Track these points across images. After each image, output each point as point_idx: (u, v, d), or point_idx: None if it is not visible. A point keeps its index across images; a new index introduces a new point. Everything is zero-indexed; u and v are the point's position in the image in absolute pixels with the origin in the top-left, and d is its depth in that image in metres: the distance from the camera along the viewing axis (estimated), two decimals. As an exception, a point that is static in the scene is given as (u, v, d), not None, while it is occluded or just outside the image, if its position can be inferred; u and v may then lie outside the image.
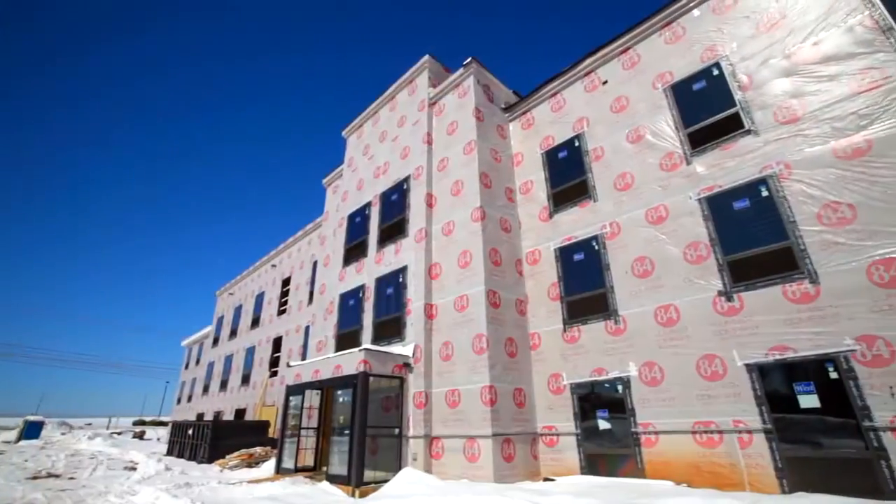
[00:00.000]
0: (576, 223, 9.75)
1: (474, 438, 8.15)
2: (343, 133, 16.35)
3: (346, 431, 8.71)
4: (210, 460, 13.76)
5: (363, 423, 8.43)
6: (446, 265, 10.17)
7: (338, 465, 8.84)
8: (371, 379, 8.94)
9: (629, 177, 9.15)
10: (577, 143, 10.41)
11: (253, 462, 12.63)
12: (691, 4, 9.26)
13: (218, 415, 23.19)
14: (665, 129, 8.90)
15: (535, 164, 11.22)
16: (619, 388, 7.99)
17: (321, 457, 10.38)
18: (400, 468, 8.62)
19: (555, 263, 9.80)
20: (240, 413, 21.05)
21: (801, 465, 5.99)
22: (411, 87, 13.59)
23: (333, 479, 8.50)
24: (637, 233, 8.64)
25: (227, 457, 12.94)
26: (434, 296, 10.13)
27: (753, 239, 7.19)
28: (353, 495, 7.81)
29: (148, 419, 71.00)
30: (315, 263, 18.77)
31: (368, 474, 8.20)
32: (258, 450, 13.28)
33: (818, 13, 7.56)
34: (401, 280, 10.81)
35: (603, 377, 8.26)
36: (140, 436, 34.51)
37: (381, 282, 11.46)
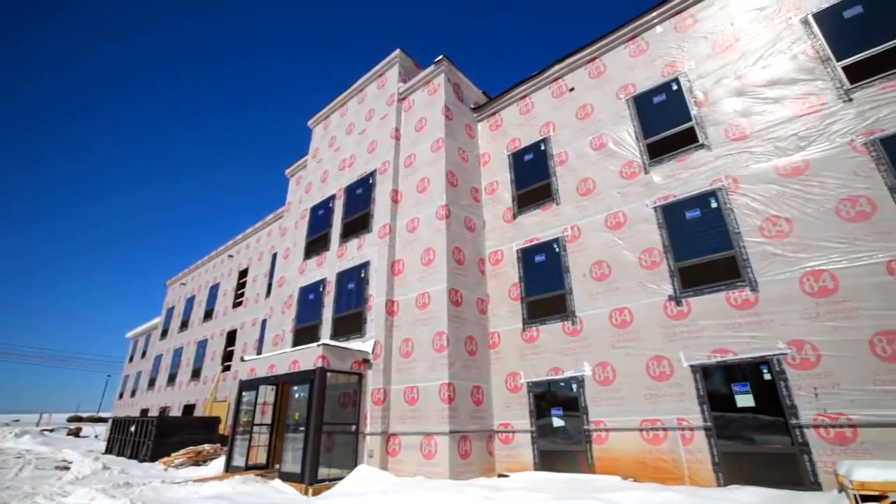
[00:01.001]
0: (538, 225, 9.97)
1: (431, 435, 8.18)
2: (309, 123, 15.94)
3: (302, 428, 8.52)
4: (154, 458, 13.10)
5: (319, 419, 8.28)
6: (409, 262, 10.14)
7: (291, 462, 8.64)
8: (329, 375, 8.80)
9: (591, 182, 9.45)
10: (542, 147, 10.63)
11: (201, 460, 12.13)
12: (655, 21, 9.66)
13: (164, 411, 22.11)
14: (626, 138, 9.25)
15: (501, 165, 11.37)
16: (574, 386, 8.25)
17: (274, 454, 10.11)
18: (356, 465, 8.54)
19: (517, 264, 9.98)
20: (189, 409, 20.16)
21: (736, 459, 6.41)
22: (381, 80, 13.43)
23: (286, 477, 8.30)
24: (596, 237, 8.93)
25: (173, 455, 12.37)
26: (396, 292, 10.08)
27: (702, 247, 7.61)
28: (306, 493, 7.66)
29: (85, 415, 66.66)
30: (275, 255, 18.21)
31: (323, 472, 8.07)
32: (207, 447, 12.77)
33: (767, 39, 8.08)
34: (363, 275, 10.68)
35: (559, 376, 8.51)
36: (76, 433, 32.32)
37: (343, 276, 11.28)
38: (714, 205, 7.68)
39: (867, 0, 7.21)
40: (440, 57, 11.85)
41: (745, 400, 6.57)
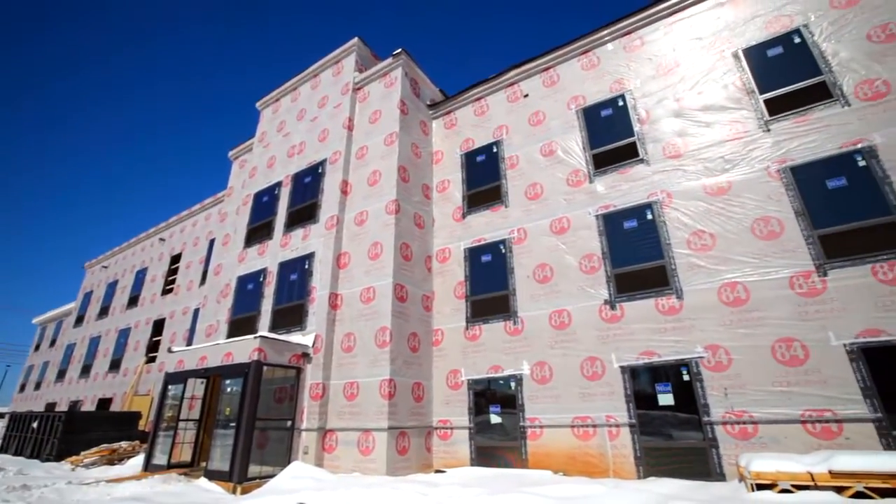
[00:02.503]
0: (487, 226, 10.16)
1: (370, 431, 8.11)
2: (257, 105, 15.18)
3: (233, 424, 8.13)
4: (59, 458, 11.92)
5: (252, 414, 7.94)
6: (356, 255, 9.97)
7: (219, 460, 8.21)
8: (266, 368, 8.45)
9: (539, 187, 9.76)
10: (495, 150, 10.83)
11: (116, 458, 11.22)
12: (606, 38, 10.14)
13: (75, 405, 20.19)
14: (574, 147, 9.64)
15: (454, 164, 11.45)
16: (513, 385, 8.50)
17: (201, 452, 9.56)
18: (289, 462, 8.28)
19: (463, 263, 10.12)
20: (105, 403, 18.55)
21: (655, 453, 6.91)
22: (337, 67, 13.06)
23: (213, 476, 7.88)
24: (541, 241, 9.25)
25: (83, 453, 11.33)
26: (340, 286, 9.88)
27: (637, 256, 8.10)
28: (233, 492, 7.32)
29: (-23, 409, 59.31)
30: (212, 241, 17.19)
31: (254, 469, 7.74)
32: (123, 444, 11.82)
33: (703, 67, 8.73)
34: (307, 267, 10.35)
35: (499, 374, 8.73)
36: (-35, 428, 28.71)
37: (285, 267, 10.88)
38: (649, 217, 8.21)
39: (787, 43, 8.00)
40: (399, 50, 11.73)
41: (666, 399, 7.09)
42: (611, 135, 9.28)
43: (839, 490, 4.75)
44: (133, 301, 20.54)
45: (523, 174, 10.13)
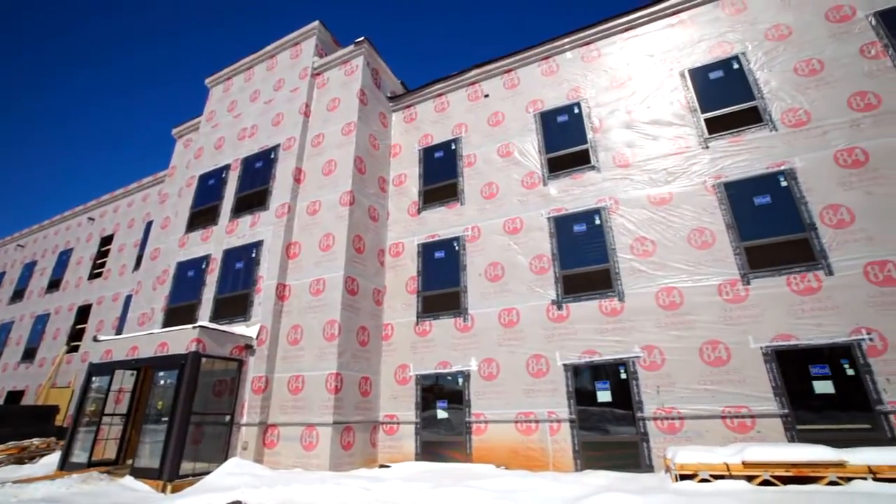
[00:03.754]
0: (441, 222, 10.20)
1: (314, 426, 7.94)
2: (207, 82, 14.31)
3: (165, 419, 7.66)
4: (-41, 454, 10.71)
5: (187, 409, 7.52)
6: (306, 246, 9.68)
7: (148, 457, 7.72)
8: (204, 360, 8.03)
9: (495, 187, 9.92)
10: (453, 147, 10.88)
11: (27, 457, 10.25)
12: (566, 47, 10.45)
13: (-20, 396, 18.20)
14: (530, 150, 9.88)
15: (411, 158, 11.39)
16: (460, 380, 8.62)
17: (128, 448, 8.94)
18: (226, 458, 7.93)
19: (416, 258, 10.11)
20: (15, 396, 16.87)
21: (592, 447, 7.27)
22: (295, 50, 12.57)
23: (140, 473, 7.39)
24: (494, 240, 9.41)
25: (-12, 449, 10.25)
26: (289, 276, 9.56)
27: (584, 259, 8.45)
28: (163, 491, 6.91)
29: None
30: (150, 224, 16.06)
31: (187, 466, 7.35)
32: (35, 441, 10.82)
33: (653, 83, 9.22)
34: (254, 255, 9.93)
35: (447, 370, 8.81)
36: None
37: (231, 254, 10.37)
38: (597, 222, 8.58)
39: (727, 67, 8.62)
40: (361, 38, 11.48)
41: (604, 396, 7.47)
42: (566, 140, 9.59)
43: (750, 479, 5.23)
44: (54, 285, 18.79)
45: (480, 173, 10.25)
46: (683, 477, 5.57)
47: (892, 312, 6.18)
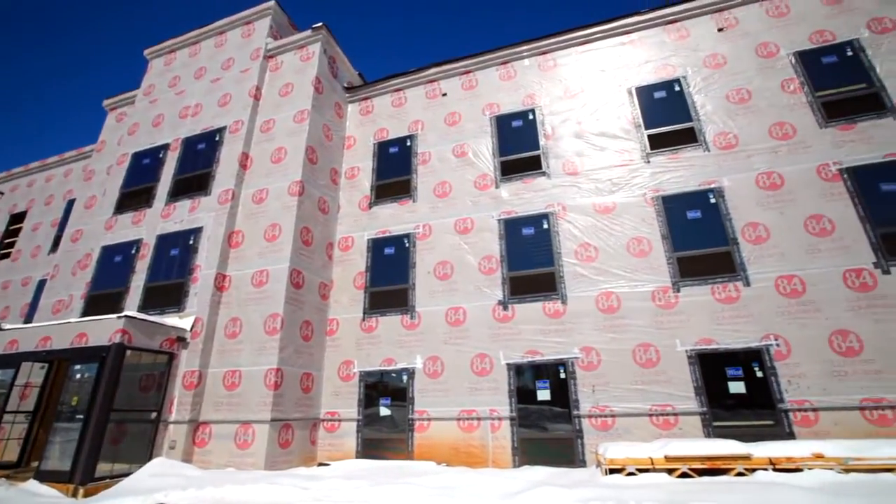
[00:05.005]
0: (393, 218, 10.12)
1: (250, 423, 7.61)
2: (146, 53, 13.25)
3: (81, 416, 7.03)
4: None
5: (107, 405, 6.95)
6: (250, 235, 9.26)
7: (58, 458, 7.04)
8: (130, 353, 7.46)
9: (448, 186, 9.99)
10: (409, 143, 10.83)
11: None
12: (524, 54, 10.71)
13: None
14: (485, 151, 10.04)
15: (366, 151, 11.21)
16: (405, 378, 8.60)
17: (33, 450, 8.12)
18: (151, 458, 7.42)
19: (366, 253, 9.97)
20: None
21: (530, 444, 7.52)
22: (247, 29, 11.95)
23: (47, 477, 6.73)
24: (445, 238, 9.48)
25: None
26: (230, 266, 9.10)
27: (530, 261, 8.71)
28: (73, 495, 6.34)
29: None
30: (71, 202, 14.64)
31: (104, 468, 6.79)
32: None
33: (603, 97, 9.67)
34: (192, 242, 9.35)
35: (392, 367, 8.77)
36: None
37: (166, 240, 9.70)
38: (545, 226, 8.88)
39: (669, 88, 9.21)
40: (320, 24, 11.12)
41: (544, 394, 7.76)
42: (519, 145, 9.84)
43: (671, 472, 5.65)
44: (-49, 264, 16.65)
45: (434, 171, 10.28)
46: (613, 471, 5.91)
47: (796, 321, 6.90)
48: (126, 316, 7.59)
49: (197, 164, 10.37)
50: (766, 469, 5.44)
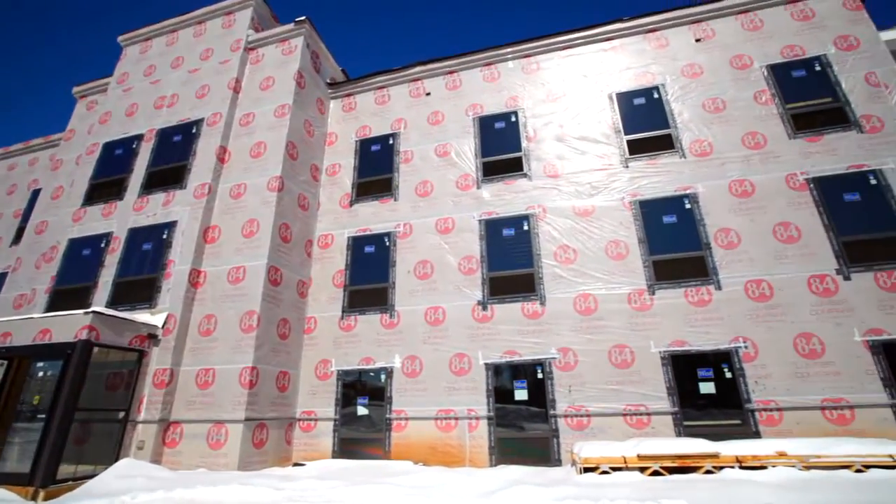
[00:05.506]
0: (374, 216, 10.06)
1: (223, 423, 7.45)
2: (120, 39, 12.80)
3: (43, 416, 6.74)
4: None
5: (71, 404, 6.68)
6: (227, 230, 9.06)
7: (16, 459, 6.74)
8: (97, 350, 7.20)
9: (430, 185, 9.98)
10: (391, 141, 10.78)
11: None
12: (509, 56, 10.79)
13: None
14: (467, 152, 10.07)
15: (347, 148, 11.10)
16: (383, 377, 8.56)
17: (-10, 448, 7.74)
18: (118, 459, 7.17)
19: (346, 251, 9.88)
20: None
21: (507, 443, 7.59)
22: (228, 19, 11.68)
23: (4, 480, 6.43)
24: (426, 238, 9.47)
25: None
26: (205, 262, 8.88)
27: (510, 262, 8.78)
28: (33, 498, 6.08)
29: None
30: (36, 192, 14.02)
31: (67, 469, 6.53)
32: None
33: (585, 102, 9.82)
34: (165, 236, 9.09)
35: (370, 366, 8.71)
36: None
37: (137, 234, 9.40)
38: (525, 227, 8.96)
39: (648, 96, 9.43)
40: (303, 17, 10.96)
41: (521, 394, 7.83)
42: (501, 146, 9.91)
43: (643, 470, 5.78)
44: None
45: (416, 170, 10.26)
46: (587, 469, 6.02)
47: (763, 324, 7.15)
48: (94, 312, 7.32)
49: (172, 157, 10.09)
50: (732, 467, 5.62)
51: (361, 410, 8.47)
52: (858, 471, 5.26)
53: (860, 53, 8.50)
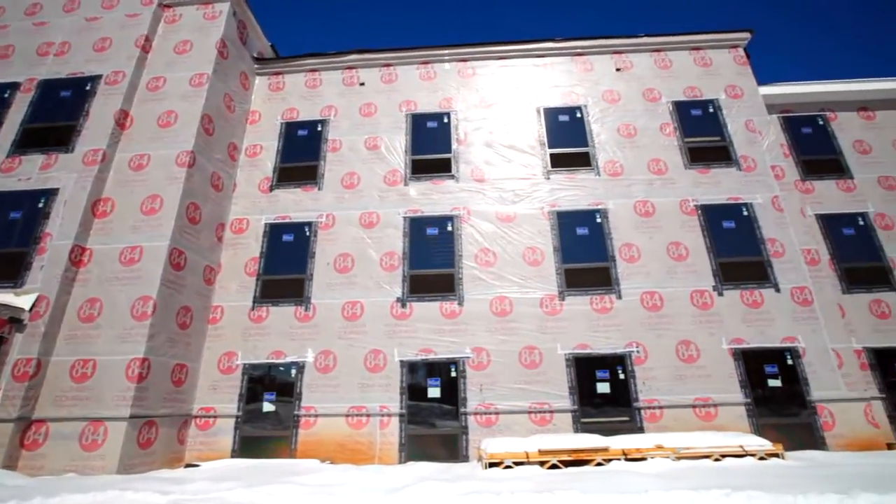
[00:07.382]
0: (295, 204, 9.60)
1: (102, 421, 6.62)
2: (-6, -33, 10.80)
3: None
4: None
5: None
6: (123, 205, 8.07)
7: None
8: (-64, 334, 6.02)
9: (356, 177, 9.76)
10: (319, 128, 10.35)
11: None
12: (446, 58, 10.89)
13: None
14: (398, 147, 10.00)
15: (271, 130, 10.46)
16: (293, 372, 8.19)
17: None
18: (-44, 463, 6.06)
19: (261, 238, 9.30)
20: None
21: (417, 440, 7.66)
22: (138, -31, 10.38)
23: None
24: (348, 231, 9.24)
25: None
26: (92, 238, 7.83)
27: (432, 261, 8.88)
28: None
29: None
30: None
31: None
32: None
33: (515, 112, 10.21)
34: (42, 205, 7.86)
35: (280, 360, 8.29)
36: None
37: (5, 199, 8.02)
38: (449, 228, 9.12)
39: (571, 114, 10.08)
40: (229, -18, 10.09)
41: (434, 392, 7.95)
42: (432, 146, 9.98)
43: (542, 464, 6.17)
44: None
45: (343, 161, 9.96)
46: (492, 465, 6.28)
47: (653, 331, 8.01)
48: (-63, 287, 6.12)
49: (58, 114, 8.75)
50: (619, 459, 6.23)
51: (268, 407, 8.03)
52: (717, 459, 6.11)
53: (743, 102, 9.85)
